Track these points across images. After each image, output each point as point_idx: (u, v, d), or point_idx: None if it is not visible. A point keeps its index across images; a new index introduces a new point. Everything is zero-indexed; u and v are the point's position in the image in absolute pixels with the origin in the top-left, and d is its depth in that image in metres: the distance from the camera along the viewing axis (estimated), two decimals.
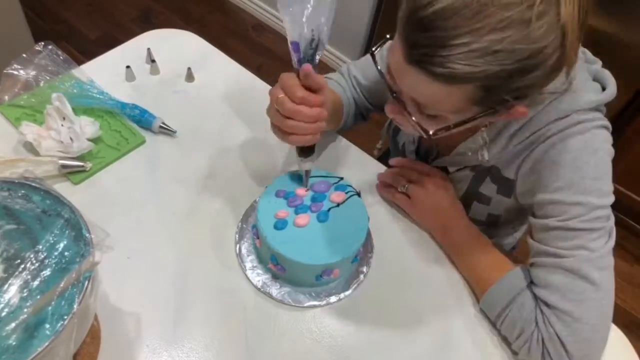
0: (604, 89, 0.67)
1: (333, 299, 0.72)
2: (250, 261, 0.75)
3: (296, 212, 0.71)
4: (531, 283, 0.68)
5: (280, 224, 0.70)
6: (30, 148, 0.82)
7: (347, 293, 0.73)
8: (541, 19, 0.48)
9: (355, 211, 0.73)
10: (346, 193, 0.74)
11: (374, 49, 0.64)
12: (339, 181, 0.76)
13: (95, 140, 0.84)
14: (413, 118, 0.61)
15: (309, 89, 0.61)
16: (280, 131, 0.63)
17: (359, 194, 0.75)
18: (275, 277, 0.73)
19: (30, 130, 0.80)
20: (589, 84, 0.67)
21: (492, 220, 0.86)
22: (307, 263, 0.67)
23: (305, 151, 0.68)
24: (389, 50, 0.58)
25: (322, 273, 0.69)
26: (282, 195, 0.73)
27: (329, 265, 0.68)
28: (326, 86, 0.62)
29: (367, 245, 0.79)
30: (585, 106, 0.64)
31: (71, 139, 0.78)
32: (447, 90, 0.53)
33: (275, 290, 0.72)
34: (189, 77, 0.98)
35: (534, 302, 0.67)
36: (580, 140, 0.64)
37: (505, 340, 0.72)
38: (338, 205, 0.73)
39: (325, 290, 0.73)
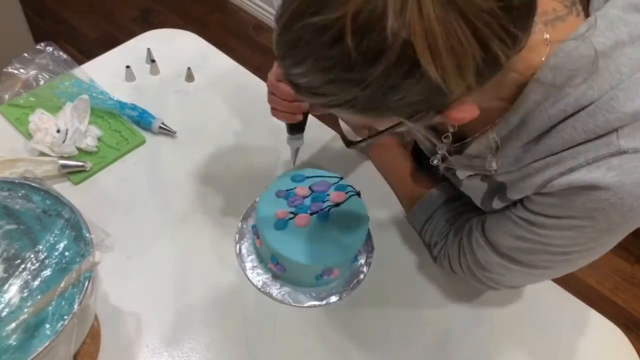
0: None
1: (333, 299, 0.72)
2: (250, 261, 0.75)
3: (296, 212, 0.71)
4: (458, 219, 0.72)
5: (280, 224, 0.70)
6: (31, 147, 0.82)
7: (347, 293, 0.73)
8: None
9: (355, 211, 0.73)
10: (346, 193, 0.74)
11: None
12: (338, 181, 0.76)
13: (83, 150, 0.82)
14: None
15: None
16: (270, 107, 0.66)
17: (358, 194, 0.75)
18: (275, 277, 0.73)
19: (37, 117, 0.80)
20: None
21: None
22: (307, 263, 0.67)
23: (293, 128, 0.74)
24: None
25: (322, 273, 0.69)
26: (283, 195, 0.73)
27: (329, 265, 0.68)
28: None
29: (367, 245, 0.79)
30: (631, 119, 0.44)
31: (64, 135, 0.78)
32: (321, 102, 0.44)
33: (275, 290, 0.72)
34: (189, 77, 0.98)
35: (444, 222, 0.73)
36: (620, 189, 0.45)
37: (505, 340, 0.72)
38: (338, 205, 0.73)
39: (325, 290, 0.73)
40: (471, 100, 0.43)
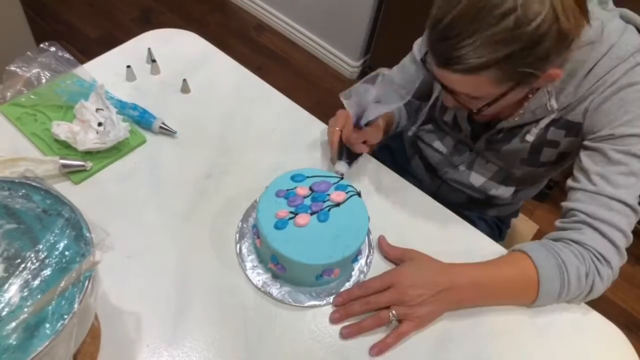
0: (638, 30, 0.75)
1: (333, 298, 0.72)
2: (250, 261, 0.75)
3: (296, 212, 0.71)
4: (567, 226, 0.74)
5: (280, 224, 0.70)
6: (31, 147, 0.82)
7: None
8: (527, 4, 0.60)
9: (356, 211, 0.73)
10: (346, 193, 0.74)
11: (422, 58, 0.77)
12: (338, 181, 0.76)
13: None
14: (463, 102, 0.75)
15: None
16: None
17: (359, 194, 0.75)
18: (275, 276, 0.73)
19: (62, 129, 0.81)
20: (628, 28, 0.75)
21: (559, 159, 0.87)
22: (308, 263, 0.67)
23: (350, 156, 0.86)
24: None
25: (323, 273, 0.69)
26: (282, 195, 0.73)
27: (329, 264, 0.68)
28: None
29: (367, 245, 0.79)
30: (637, 48, 0.72)
31: (105, 127, 0.81)
32: (474, 79, 0.67)
33: (275, 290, 0.72)
34: (185, 88, 0.97)
35: (574, 256, 0.71)
36: None
37: (505, 340, 0.72)
38: (338, 205, 0.73)
39: (326, 290, 0.73)
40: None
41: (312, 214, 0.71)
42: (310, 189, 0.74)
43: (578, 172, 0.76)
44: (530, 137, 0.83)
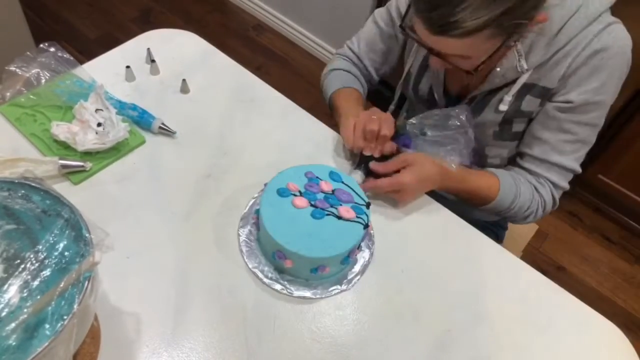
0: None
1: (333, 299, 0.72)
2: (250, 261, 0.75)
3: (303, 194, 0.73)
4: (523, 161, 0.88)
5: (283, 191, 0.72)
6: (30, 148, 0.82)
7: (347, 293, 0.73)
8: None
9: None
10: (357, 216, 0.73)
11: (402, 23, 0.77)
12: (362, 204, 0.75)
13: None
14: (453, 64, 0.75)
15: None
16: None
17: (368, 205, 0.75)
18: (275, 274, 0.73)
19: (61, 130, 0.81)
20: None
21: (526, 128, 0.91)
22: (299, 253, 0.67)
23: (363, 163, 0.85)
24: (414, 24, 0.72)
25: (318, 268, 0.70)
26: (310, 176, 0.76)
27: (320, 259, 0.68)
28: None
29: (367, 245, 0.79)
30: (605, 7, 0.75)
31: (104, 127, 0.81)
32: (471, 40, 0.67)
33: (277, 286, 0.72)
34: (184, 89, 0.97)
35: (527, 182, 0.87)
36: (617, 45, 0.75)
37: (505, 340, 0.72)
38: (338, 218, 0.72)
39: (326, 290, 0.73)
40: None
41: (313, 206, 0.72)
42: (334, 192, 0.75)
43: (531, 139, 0.87)
44: (503, 107, 0.84)
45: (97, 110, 0.82)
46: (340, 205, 0.73)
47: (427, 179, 0.82)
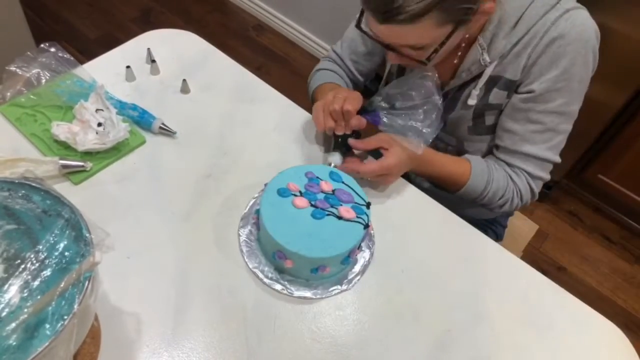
0: None
1: (333, 299, 0.72)
2: (250, 261, 0.75)
3: (303, 194, 0.73)
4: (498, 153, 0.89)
5: (284, 191, 0.72)
6: (30, 148, 0.82)
7: (347, 293, 0.73)
8: None
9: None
10: (357, 216, 0.73)
11: (357, 23, 0.79)
12: (362, 204, 0.75)
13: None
14: (409, 55, 0.75)
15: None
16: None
17: (368, 205, 0.75)
18: (275, 274, 0.73)
19: (61, 129, 0.81)
20: None
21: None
22: (307, 256, 0.67)
23: (337, 145, 0.86)
24: (366, 20, 0.74)
25: (318, 268, 0.70)
26: (310, 176, 0.75)
27: (320, 259, 0.68)
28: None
29: (368, 245, 0.79)
30: None
31: (104, 127, 0.81)
32: (418, 27, 0.67)
33: (277, 286, 0.72)
34: (185, 89, 0.97)
35: (502, 170, 0.88)
36: (574, 31, 0.75)
37: (505, 340, 0.72)
38: (339, 218, 0.72)
39: (326, 290, 0.73)
40: None
41: (313, 206, 0.72)
42: (334, 192, 0.75)
43: (502, 131, 0.88)
44: (472, 101, 0.86)
45: (97, 110, 0.82)
46: (341, 205, 0.73)
47: (406, 160, 0.83)
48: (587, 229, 1.86)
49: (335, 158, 0.84)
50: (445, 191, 0.92)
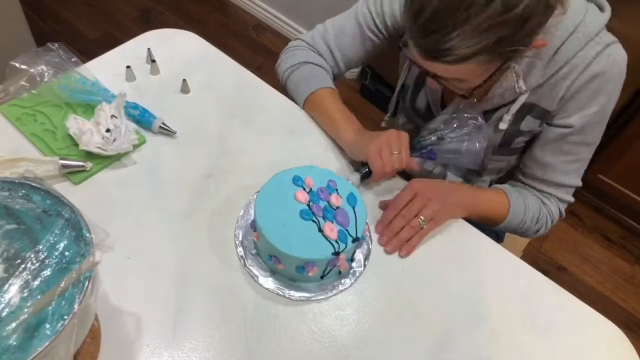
0: (600, 9, 0.77)
1: (333, 299, 0.72)
2: (250, 261, 0.75)
3: (303, 202, 0.72)
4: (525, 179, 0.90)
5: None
6: (30, 148, 0.82)
7: (347, 293, 0.73)
8: None
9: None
10: (336, 240, 0.70)
11: (401, 44, 0.76)
12: (351, 234, 0.72)
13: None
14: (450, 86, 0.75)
15: None
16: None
17: (354, 239, 0.71)
18: (273, 274, 0.73)
19: (74, 123, 0.81)
20: (589, 6, 0.76)
21: (527, 145, 0.90)
22: (285, 251, 0.67)
23: (366, 177, 0.86)
24: (409, 45, 0.70)
25: (305, 266, 0.69)
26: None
27: (305, 259, 0.68)
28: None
29: (368, 245, 0.79)
30: (602, 26, 0.75)
31: (111, 134, 0.81)
32: (465, 66, 0.66)
33: (274, 287, 0.72)
34: (185, 89, 0.97)
35: (533, 196, 0.88)
36: (616, 69, 0.75)
37: (505, 340, 0.72)
38: (337, 208, 0.72)
39: (326, 290, 0.73)
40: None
41: (308, 206, 0.72)
42: (337, 208, 0.73)
43: (531, 161, 0.87)
44: (503, 125, 0.84)
45: (112, 116, 0.82)
46: (331, 222, 0.71)
47: (434, 182, 0.83)
48: (587, 229, 1.86)
49: (355, 179, 0.84)
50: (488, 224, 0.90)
